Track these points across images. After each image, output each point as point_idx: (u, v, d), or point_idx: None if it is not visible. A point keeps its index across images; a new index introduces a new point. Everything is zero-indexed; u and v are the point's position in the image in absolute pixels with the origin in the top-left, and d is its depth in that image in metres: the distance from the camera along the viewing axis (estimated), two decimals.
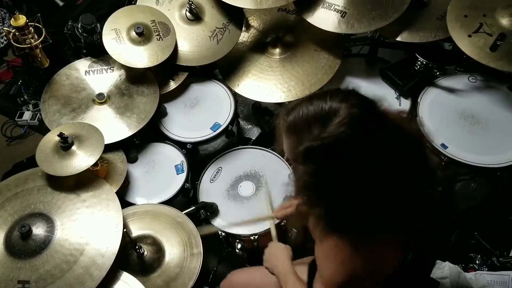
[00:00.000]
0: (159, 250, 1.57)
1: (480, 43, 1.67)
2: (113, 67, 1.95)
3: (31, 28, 1.70)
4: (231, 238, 1.77)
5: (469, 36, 1.69)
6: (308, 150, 0.95)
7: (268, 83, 1.98)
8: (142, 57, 1.86)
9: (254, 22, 2.13)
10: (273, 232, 1.56)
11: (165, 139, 1.97)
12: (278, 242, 1.48)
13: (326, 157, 0.94)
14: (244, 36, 2.10)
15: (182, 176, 1.86)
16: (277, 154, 1.93)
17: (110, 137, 1.76)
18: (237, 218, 1.74)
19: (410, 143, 1.02)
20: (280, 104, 2.16)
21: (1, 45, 2.78)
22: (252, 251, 1.78)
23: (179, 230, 1.62)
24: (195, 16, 2.00)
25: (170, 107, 2.04)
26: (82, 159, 1.56)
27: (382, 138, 0.95)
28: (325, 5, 1.87)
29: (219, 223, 1.76)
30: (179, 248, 1.58)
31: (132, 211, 1.70)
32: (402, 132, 1.01)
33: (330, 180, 0.96)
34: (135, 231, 1.63)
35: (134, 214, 1.68)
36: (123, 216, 1.54)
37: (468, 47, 1.68)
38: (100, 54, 1.95)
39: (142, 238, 1.60)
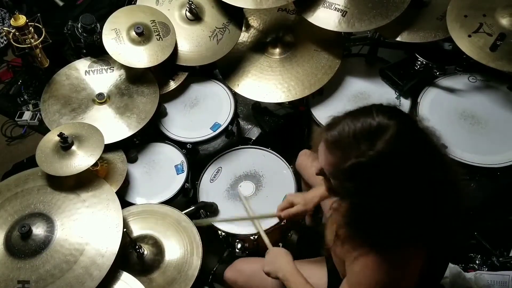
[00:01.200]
0: (159, 251, 1.57)
1: (480, 43, 1.67)
2: (113, 67, 1.95)
3: (31, 28, 1.70)
4: (231, 238, 1.77)
5: (469, 36, 1.69)
6: (356, 167, 0.94)
7: (268, 83, 1.98)
8: (142, 57, 1.86)
9: (254, 22, 2.13)
10: (266, 240, 1.55)
11: (165, 139, 1.97)
12: (276, 247, 1.48)
13: (374, 174, 0.94)
14: (244, 36, 2.10)
15: (182, 176, 1.86)
16: (277, 154, 1.93)
17: (110, 137, 1.76)
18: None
19: (441, 155, 1.04)
20: (280, 104, 2.17)
21: (1, 45, 2.78)
22: (252, 251, 1.78)
23: (181, 233, 1.61)
24: (195, 16, 2.00)
25: (170, 107, 2.04)
26: (82, 159, 1.56)
27: (425, 154, 0.97)
28: (325, 5, 1.86)
29: (219, 223, 1.76)
30: (179, 250, 1.57)
31: (137, 209, 1.70)
32: (435, 145, 1.03)
33: (376, 196, 0.96)
34: (138, 231, 1.63)
35: (139, 213, 1.68)
36: (124, 216, 1.54)
37: (468, 47, 1.68)
38: (100, 54, 1.95)
39: (144, 238, 1.60)
